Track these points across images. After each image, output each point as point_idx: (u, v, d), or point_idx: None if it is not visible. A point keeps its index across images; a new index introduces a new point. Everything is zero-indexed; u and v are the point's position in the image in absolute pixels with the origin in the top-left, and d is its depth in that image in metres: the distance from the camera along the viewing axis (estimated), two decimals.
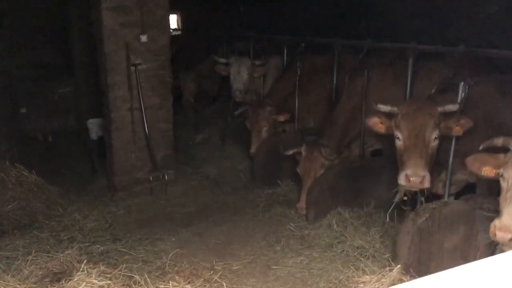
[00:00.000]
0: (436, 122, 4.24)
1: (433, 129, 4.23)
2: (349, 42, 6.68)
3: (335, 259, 4.53)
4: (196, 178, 7.14)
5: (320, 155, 5.47)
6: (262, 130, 6.81)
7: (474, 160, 3.58)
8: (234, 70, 7.87)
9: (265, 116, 6.82)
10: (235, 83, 7.88)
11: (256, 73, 7.84)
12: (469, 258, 4.10)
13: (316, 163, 5.54)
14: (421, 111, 4.26)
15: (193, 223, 5.69)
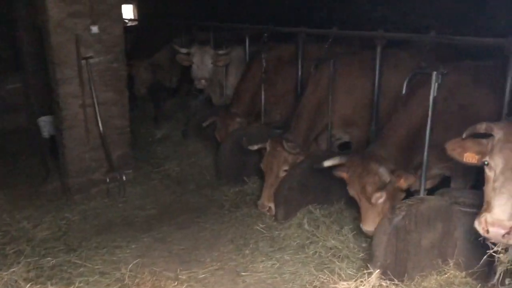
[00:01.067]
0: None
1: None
2: (314, 31, 6.42)
3: (308, 262, 4.28)
4: (157, 177, 6.75)
5: (283, 149, 5.18)
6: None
7: (455, 145, 3.37)
8: (197, 59, 7.50)
9: (235, 126, 6.58)
10: (199, 71, 7.51)
11: (220, 63, 7.49)
12: (446, 256, 3.94)
13: (279, 158, 5.26)
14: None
15: (155, 228, 5.31)
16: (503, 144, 3.05)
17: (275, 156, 5.31)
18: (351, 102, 5.61)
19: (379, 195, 4.12)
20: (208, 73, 7.45)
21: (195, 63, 7.47)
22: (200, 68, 7.44)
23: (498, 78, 4.41)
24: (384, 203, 4.17)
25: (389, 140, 4.35)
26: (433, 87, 4.03)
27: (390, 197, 4.18)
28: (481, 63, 4.85)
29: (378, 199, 4.14)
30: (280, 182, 5.17)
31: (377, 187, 4.06)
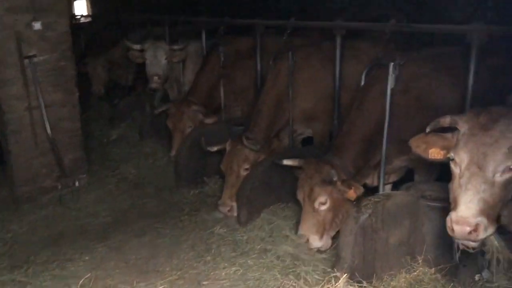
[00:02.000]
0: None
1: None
2: (271, 22, 6.20)
3: (272, 266, 4.04)
4: (113, 181, 6.39)
5: (243, 146, 4.95)
6: (186, 131, 6.21)
7: (419, 141, 3.21)
8: (150, 55, 7.18)
9: (190, 115, 6.23)
10: (152, 68, 7.18)
11: (175, 58, 7.17)
12: (415, 253, 3.80)
13: (239, 156, 5.04)
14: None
15: (110, 236, 4.97)
16: (468, 138, 2.90)
17: (235, 155, 5.09)
18: (311, 96, 5.43)
19: (323, 200, 4.05)
20: (161, 70, 7.13)
21: (148, 60, 7.12)
22: (153, 64, 7.12)
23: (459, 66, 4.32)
24: (327, 212, 4.09)
25: (347, 144, 4.29)
26: (390, 79, 3.88)
27: (335, 208, 4.10)
28: (441, 51, 4.75)
29: (321, 204, 4.07)
30: (241, 183, 4.94)
31: (324, 188, 4.00)
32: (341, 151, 4.26)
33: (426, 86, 4.39)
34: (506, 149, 2.77)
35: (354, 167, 4.23)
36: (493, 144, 2.79)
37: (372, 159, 4.30)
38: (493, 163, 2.77)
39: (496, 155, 2.77)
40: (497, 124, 2.83)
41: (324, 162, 4.15)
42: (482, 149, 2.80)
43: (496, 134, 2.80)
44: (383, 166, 4.14)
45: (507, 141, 2.78)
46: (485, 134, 2.83)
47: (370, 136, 4.27)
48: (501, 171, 2.78)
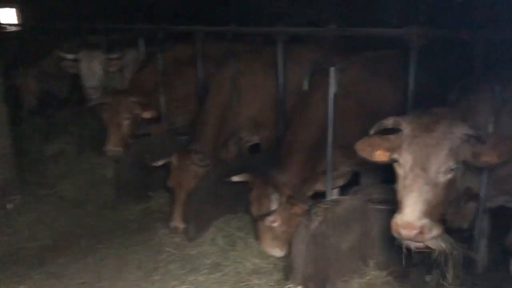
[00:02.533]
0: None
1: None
2: (211, 29, 6.08)
3: (224, 281, 3.91)
4: (50, 201, 5.95)
5: (192, 162, 4.78)
6: (123, 124, 5.85)
7: (364, 145, 3.21)
8: (84, 65, 6.81)
9: (127, 107, 5.85)
10: (88, 80, 6.83)
11: (112, 68, 6.85)
12: (366, 257, 3.80)
13: (188, 172, 4.85)
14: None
15: (48, 261, 4.61)
16: (411, 140, 2.92)
17: (183, 171, 4.88)
18: (256, 103, 5.36)
19: (272, 219, 4.06)
20: (98, 81, 6.79)
21: (82, 70, 6.77)
22: (89, 76, 6.78)
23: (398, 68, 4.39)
24: (280, 226, 4.10)
25: (290, 157, 4.24)
26: (332, 84, 3.87)
27: (287, 221, 4.10)
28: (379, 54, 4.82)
29: (272, 222, 4.07)
30: (189, 196, 4.76)
31: (265, 214, 4.00)
32: (285, 165, 4.20)
33: (366, 90, 4.42)
34: (447, 150, 2.81)
35: (300, 178, 4.20)
36: (435, 146, 2.82)
37: (318, 167, 4.28)
38: (436, 164, 2.80)
39: (438, 156, 2.81)
40: (438, 125, 2.87)
41: (267, 182, 4.09)
42: (425, 150, 2.83)
43: (438, 135, 2.84)
44: (329, 172, 4.12)
45: (448, 142, 2.83)
46: (427, 135, 2.86)
47: (314, 144, 4.25)
48: (443, 171, 2.81)
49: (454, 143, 2.82)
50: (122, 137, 5.84)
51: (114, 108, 5.83)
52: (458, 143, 2.83)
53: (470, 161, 2.90)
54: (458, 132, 2.82)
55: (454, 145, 2.81)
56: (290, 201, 4.02)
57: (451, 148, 2.81)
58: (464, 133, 2.82)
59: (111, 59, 6.84)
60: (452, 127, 2.84)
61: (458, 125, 2.84)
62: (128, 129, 5.90)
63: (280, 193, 4.02)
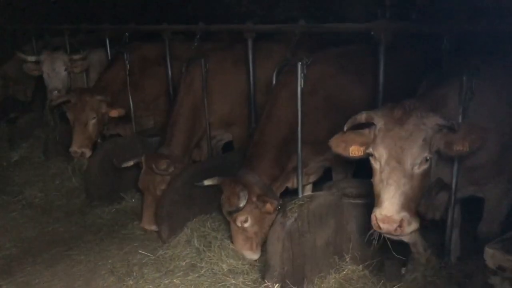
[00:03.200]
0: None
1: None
2: (179, 27, 6.01)
3: (200, 282, 3.84)
4: (16, 208, 5.78)
5: (153, 170, 4.71)
6: (89, 123, 5.68)
7: (338, 141, 3.20)
8: (47, 67, 6.62)
9: (93, 105, 5.67)
10: (51, 82, 6.65)
11: (76, 69, 6.67)
12: (342, 252, 3.80)
13: (155, 177, 4.78)
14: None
15: (16, 270, 4.45)
16: (384, 133, 2.94)
17: (151, 175, 4.80)
18: (228, 100, 5.32)
19: (243, 219, 4.02)
20: (61, 82, 6.61)
21: (45, 72, 6.57)
22: (52, 77, 6.58)
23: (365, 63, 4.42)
24: (252, 226, 4.07)
25: (258, 156, 4.21)
26: (299, 79, 3.86)
27: (259, 221, 4.08)
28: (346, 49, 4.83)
29: (242, 222, 4.03)
30: (161, 197, 4.67)
31: (234, 211, 3.93)
32: (253, 165, 4.17)
33: (334, 86, 4.43)
34: (421, 141, 2.84)
35: (270, 177, 4.17)
36: (408, 138, 2.84)
37: (289, 164, 4.26)
38: (411, 156, 2.82)
39: (412, 148, 2.83)
40: (410, 118, 2.89)
41: (236, 182, 4.03)
42: (399, 143, 2.84)
43: (410, 127, 2.86)
44: (299, 169, 4.11)
45: (421, 133, 2.85)
46: (400, 128, 2.88)
47: (283, 142, 4.23)
48: (418, 163, 2.83)
49: (427, 134, 2.84)
50: (89, 137, 5.68)
51: (80, 107, 5.65)
52: (431, 133, 2.86)
53: (443, 151, 2.93)
54: (430, 122, 2.85)
55: (427, 136, 2.84)
56: (261, 199, 3.99)
57: (424, 139, 2.84)
58: (437, 123, 2.85)
59: (75, 60, 6.65)
60: (424, 118, 2.86)
61: (429, 115, 2.87)
62: (94, 129, 5.74)
63: (249, 192, 3.97)
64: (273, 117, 4.30)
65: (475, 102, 3.13)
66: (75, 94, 5.77)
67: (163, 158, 4.77)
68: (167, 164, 4.74)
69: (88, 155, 5.68)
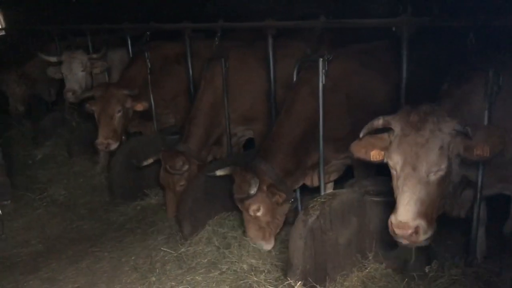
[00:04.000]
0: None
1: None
2: (199, 25, 6.01)
3: (222, 280, 3.85)
4: (41, 205, 5.89)
5: (168, 171, 4.77)
6: (114, 116, 5.67)
7: (359, 146, 3.19)
8: (65, 68, 6.68)
9: (119, 98, 5.67)
10: (68, 82, 6.72)
11: (96, 69, 6.72)
12: (365, 250, 3.77)
13: (173, 175, 4.84)
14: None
15: (42, 266, 4.54)
16: (400, 139, 2.91)
17: (169, 173, 4.86)
18: (249, 97, 5.31)
19: (255, 208, 4.02)
20: (78, 83, 6.64)
21: (64, 72, 6.62)
22: (69, 78, 6.63)
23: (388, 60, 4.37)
24: (264, 215, 4.07)
25: (274, 147, 4.19)
26: (321, 75, 3.83)
27: (271, 210, 4.08)
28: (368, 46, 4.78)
29: (255, 211, 4.04)
30: (183, 194, 4.71)
31: (245, 198, 3.95)
32: (268, 155, 4.16)
33: (355, 82, 4.38)
34: (437, 148, 2.80)
35: (284, 170, 4.15)
36: (424, 145, 2.81)
37: (306, 161, 4.23)
38: (426, 164, 2.80)
39: (428, 156, 2.80)
40: (426, 123, 2.85)
41: (248, 170, 4.03)
42: (415, 149, 2.82)
43: (427, 133, 2.82)
44: (321, 166, 4.08)
45: (438, 140, 2.81)
46: (416, 134, 2.84)
47: (301, 137, 4.19)
48: (434, 170, 2.81)
49: (444, 140, 2.81)
50: (114, 130, 5.67)
51: (106, 100, 5.66)
52: (448, 139, 2.83)
53: (462, 155, 2.89)
54: (447, 128, 2.81)
55: (444, 143, 2.81)
56: (270, 189, 3.98)
57: (441, 146, 2.81)
58: (454, 129, 2.81)
59: (94, 60, 6.68)
60: (441, 124, 2.83)
61: (446, 121, 2.82)
62: (120, 122, 5.74)
63: (261, 181, 3.96)
64: (292, 113, 4.28)
65: (501, 97, 3.06)
66: (100, 88, 5.81)
67: (178, 156, 4.79)
68: (182, 162, 4.77)
69: (114, 147, 5.65)
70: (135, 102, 5.72)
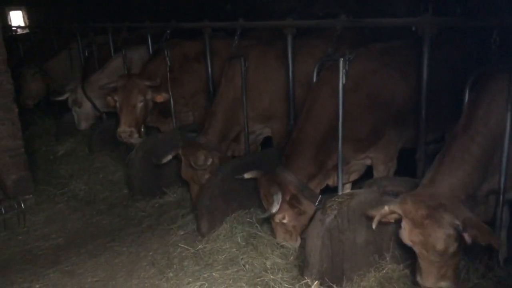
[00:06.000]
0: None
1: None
2: (219, 24, 6.05)
3: (239, 277, 3.86)
4: (62, 200, 6.01)
5: (192, 167, 4.81)
6: (137, 106, 5.71)
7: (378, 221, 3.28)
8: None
9: (141, 88, 5.71)
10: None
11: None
12: (382, 250, 3.74)
13: (196, 170, 4.86)
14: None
15: (62, 260, 4.62)
16: (409, 228, 3.04)
17: (191, 167, 4.88)
18: (268, 95, 5.32)
19: (280, 217, 4.10)
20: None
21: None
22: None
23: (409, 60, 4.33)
24: (290, 222, 4.15)
25: (296, 154, 4.19)
26: (341, 75, 3.80)
27: (296, 217, 4.16)
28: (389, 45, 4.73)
29: (281, 219, 4.12)
30: (201, 192, 4.74)
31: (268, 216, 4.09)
32: (290, 163, 4.16)
33: (376, 82, 4.35)
34: (444, 236, 2.90)
35: (307, 175, 4.16)
36: (431, 235, 2.93)
37: (328, 162, 4.23)
38: (438, 248, 2.94)
39: (437, 243, 2.92)
40: (429, 218, 2.93)
41: (272, 182, 4.07)
42: (424, 239, 2.96)
43: (431, 227, 2.92)
44: (340, 166, 4.06)
45: (442, 230, 2.91)
46: (422, 228, 2.96)
47: (322, 140, 4.17)
48: (448, 249, 2.94)
49: (449, 232, 2.91)
50: (136, 119, 5.72)
51: (128, 90, 5.71)
52: (453, 227, 2.91)
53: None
54: (446, 222, 2.90)
55: (449, 231, 2.91)
56: (291, 202, 4.05)
57: (448, 235, 2.91)
58: (451, 224, 2.90)
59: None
60: (441, 220, 2.91)
61: (444, 217, 2.91)
62: (141, 112, 5.78)
63: (284, 192, 4.02)
64: (313, 115, 4.25)
65: None
66: (123, 78, 5.86)
67: (199, 151, 4.81)
68: (204, 156, 4.79)
69: (135, 137, 5.69)
70: (156, 93, 5.77)
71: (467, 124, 3.28)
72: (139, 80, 5.75)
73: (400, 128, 4.36)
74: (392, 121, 4.31)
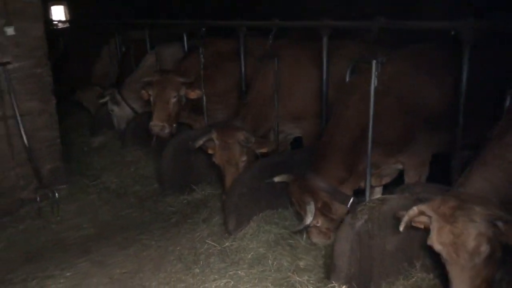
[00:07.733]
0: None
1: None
2: (254, 23, 6.05)
3: (264, 277, 3.85)
4: (94, 191, 6.14)
5: (236, 142, 4.77)
6: (170, 101, 5.77)
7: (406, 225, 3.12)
8: None
9: (175, 85, 5.79)
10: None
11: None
12: (413, 258, 3.66)
13: (234, 151, 4.82)
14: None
15: (92, 250, 4.73)
16: (438, 229, 2.89)
17: (229, 149, 4.84)
18: (300, 95, 5.31)
19: (314, 222, 4.13)
20: None
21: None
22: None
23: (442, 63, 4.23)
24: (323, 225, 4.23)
25: (327, 159, 4.16)
26: (373, 77, 3.74)
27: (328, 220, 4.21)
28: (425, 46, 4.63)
29: (314, 223, 4.18)
30: (229, 189, 4.75)
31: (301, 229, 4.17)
32: (320, 168, 4.14)
33: (408, 86, 4.26)
34: (474, 236, 2.74)
35: (338, 180, 4.14)
36: (461, 235, 2.77)
37: (359, 165, 4.17)
38: (467, 252, 2.77)
39: (466, 246, 2.76)
40: (460, 215, 2.78)
41: (304, 189, 4.08)
42: (454, 240, 2.80)
43: (461, 225, 2.77)
44: (368, 170, 4.02)
45: (473, 229, 2.74)
46: (452, 226, 2.80)
47: (352, 144, 4.13)
48: (476, 256, 2.77)
49: (480, 228, 2.74)
50: (169, 114, 5.77)
51: (163, 86, 5.77)
52: (485, 226, 2.74)
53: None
54: (479, 217, 2.74)
55: (482, 230, 2.74)
56: (324, 209, 4.04)
57: (479, 234, 2.74)
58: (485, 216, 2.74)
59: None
60: (473, 215, 2.76)
61: (476, 211, 2.76)
62: (174, 108, 5.83)
63: (316, 200, 4.02)
64: (343, 118, 4.21)
65: None
66: (158, 74, 5.94)
67: (238, 130, 4.80)
68: (243, 136, 4.77)
69: (167, 131, 5.74)
70: (189, 90, 5.83)
71: (503, 130, 3.17)
72: (174, 76, 5.82)
73: (431, 132, 4.27)
74: (423, 125, 4.22)
